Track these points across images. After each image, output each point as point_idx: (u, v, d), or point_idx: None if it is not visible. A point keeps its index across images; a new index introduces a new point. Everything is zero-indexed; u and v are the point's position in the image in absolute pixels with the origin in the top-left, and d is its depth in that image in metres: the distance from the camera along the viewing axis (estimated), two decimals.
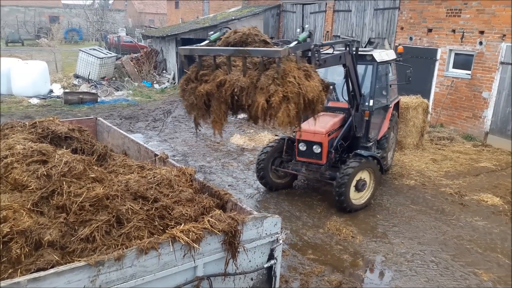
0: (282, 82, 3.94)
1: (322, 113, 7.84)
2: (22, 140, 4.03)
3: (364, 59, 7.60)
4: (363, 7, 15.67)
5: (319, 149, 7.23)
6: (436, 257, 5.94)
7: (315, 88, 4.12)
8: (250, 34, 4.46)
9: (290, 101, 3.96)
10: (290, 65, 4.09)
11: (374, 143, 8.11)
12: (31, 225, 2.89)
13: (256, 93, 4.00)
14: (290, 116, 3.99)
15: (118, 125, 12.06)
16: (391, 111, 8.38)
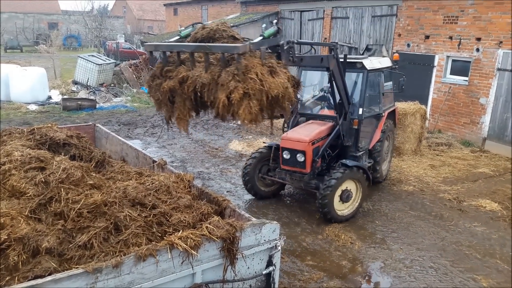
0: (243, 78, 3.87)
1: (311, 121, 7.90)
2: (20, 146, 4.04)
3: (354, 66, 7.47)
4: (360, 14, 15.76)
5: (302, 157, 7.00)
6: (435, 263, 5.93)
7: (280, 84, 4.04)
8: (218, 30, 4.42)
9: (252, 97, 3.89)
10: (253, 61, 4.02)
11: (365, 152, 7.97)
12: (28, 232, 2.89)
13: (218, 90, 3.95)
14: (252, 113, 3.92)
15: (116, 132, 12.06)
16: (384, 119, 8.21)
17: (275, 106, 4.17)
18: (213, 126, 13.90)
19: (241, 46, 3.94)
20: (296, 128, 7.59)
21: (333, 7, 16.90)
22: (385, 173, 8.90)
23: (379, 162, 8.24)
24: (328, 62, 6.29)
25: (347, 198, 6.96)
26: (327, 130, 7.37)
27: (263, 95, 3.94)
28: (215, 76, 4.00)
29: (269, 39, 4.57)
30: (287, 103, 4.21)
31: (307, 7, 18.30)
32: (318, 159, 7.09)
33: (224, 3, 27.14)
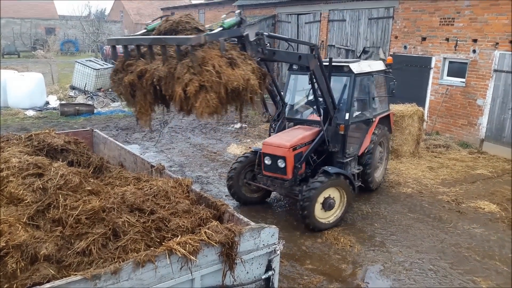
0: (199, 71, 3.79)
1: (298, 126, 7.73)
2: (18, 153, 4.03)
3: (341, 70, 7.29)
4: (357, 16, 15.82)
5: (283, 163, 6.78)
6: (435, 265, 5.93)
7: (240, 76, 3.96)
8: (181, 22, 4.35)
9: (209, 90, 3.81)
10: (211, 52, 3.94)
11: (354, 158, 7.72)
12: (26, 239, 2.88)
13: (175, 83, 3.89)
14: (210, 106, 3.84)
15: (114, 136, 12.04)
16: (375, 125, 7.96)
17: (237, 98, 4.08)
18: (211, 130, 13.91)
19: (193, 37, 3.86)
20: (279, 133, 7.41)
21: (330, 10, 16.96)
22: (379, 180, 8.63)
23: (370, 169, 7.98)
24: (308, 61, 6.07)
25: (329, 207, 6.73)
26: (312, 135, 7.15)
27: (221, 87, 3.85)
28: (171, 69, 3.91)
29: (229, 30, 4.42)
30: (250, 95, 4.11)
31: (304, 10, 18.35)
32: (300, 165, 6.86)
33: (221, 7, 27.24)
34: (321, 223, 6.74)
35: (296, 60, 6.05)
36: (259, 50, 4.82)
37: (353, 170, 7.67)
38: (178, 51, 3.88)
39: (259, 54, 4.83)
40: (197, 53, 3.84)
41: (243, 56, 4.31)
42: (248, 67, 4.17)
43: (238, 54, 4.25)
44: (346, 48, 16.51)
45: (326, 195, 6.68)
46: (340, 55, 16.83)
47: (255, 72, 4.24)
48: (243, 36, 4.55)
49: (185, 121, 15.16)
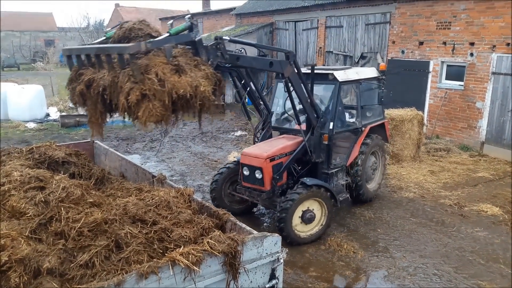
0: (141, 79, 3.73)
1: (283, 135, 7.49)
2: (19, 166, 4.04)
3: (326, 78, 7.06)
4: (354, 22, 15.90)
5: (260, 174, 6.55)
6: (439, 270, 5.90)
7: (188, 83, 3.88)
8: (133, 29, 4.31)
9: (151, 99, 3.73)
10: (156, 60, 3.88)
11: (342, 169, 7.40)
12: (29, 253, 2.87)
13: (119, 92, 3.84)
14: (154, 115, 3.77)
15: (115, 147, 12.06)
16: (364, 134, 7.62)
17: (187, 106, 4.03)
18: (212, 138, 13.92)
19: (131, 45, 3.82)
20: (260, 143, 7.25)
21: (327, 16, 17.05)
22: (374, 191, 8.29)
23: (360, 180, 7.66)
24: (282, 68, 5.82)
25: (309, 220, 6.47)
26: (294, 145, 6.89)
27: (165, 95, 3.77)
28: (115, 78, 3.86)
29: (176, 36, 4.30)
30: (200, 102, 4.04)
31: (301, 17, 18.46)
32: (279, 176, 6.61)
33: (219, 16, 27.38)
34: (299, 236, 6.46)
35: (267, 67, 5.77)
36: (218, 55, 4.68)
37: (339, 181, 7.35)
38: (119, 60, 3.84)
39: (218, 59, 4.68)
40: (138, 61, 3.79)
41: (196, 61, 4.24)
42: (199, 73, 4.10)
43: (189, 60, 4.18)
44: (344, 54, 16.58)
45: (305, 207, 6.41)
46: (338, 61, 16.90)
47: (209, 78, 4.17)
48: (194, 41, 4.43)
49: (186, 130, 15.18)
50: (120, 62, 3.81)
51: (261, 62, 5.74)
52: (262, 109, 7.32)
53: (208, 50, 4.54)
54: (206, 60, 4.43)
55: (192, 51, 4.43)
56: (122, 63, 3.80)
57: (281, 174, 6.66)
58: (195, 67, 4.17)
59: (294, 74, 6.07)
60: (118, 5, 54.00)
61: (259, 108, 7.27)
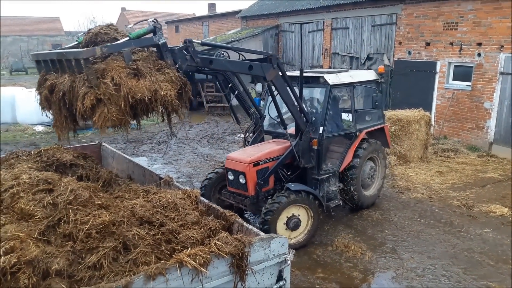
0: (96, 83, 3.74)
1: (274, 139, 7.26)
2: (27, 169, 4.06)
3: (317, 81, 6.88)
4: (360, 24, 15.87)
5: (244, 179, 6.37)
6: (448, 271, 5.86)
7: (146, 88, 3.86)
8: (99, 33, 4.33)
9: (107, 103, 3.73)
10: (113, 64, 3.87)
11: (334, 175, 7.15)
12: (38, 254, 2.88)
13: (77, 97, 3.85)
14: (110, 120, 3.78)
15: (122, 149, 12.13)
16: (359, 139, 7.37)
17: (148, 110, 4.01)
18: (218, 140, 13.95)
19: (85, 50, 3.83)
20: (247, 147, 7.12)
21: (333, 18, 17.04)
22: (372, 198, 7.98)
23: (355, 185, 7.36)
24: (263, 71, 5.60)
25: (295, 226, 6.26)
26: (282, 150, 6.68)
27: (120, 100, 3.76)
28: (73, 83, 3.87)
29: (136, 40, 4.26)
30: (161, 106, 4.01)
31: (307, 19, 18.45)
32: (264, 182, 6.41)
33: (225, 19, 27.48)
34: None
35: (246, 70, 5.49)
36: (187, 58, 4.58)
37: (331, 187, 7.11)
38: (76, 65, 3.85)
39: (188, 62, 4.59)
40: (95, 66, 3.79)
41: (159, 65, 4.20)
42: (161, 77, 4.06)
43: (152, 64, 4.15)
44: (350, 55, 16.55)
45: (290, 213, 6.22)
46: (344, 62, 16.87)
47: (174, 82, 4.13)
48: (158, 44, 4.36)
49: (192, 132, 15.23)
50: (77, 67, 3.83)
51: (238, 65, 5.48)
52: (253, 113, 7.16)
53: (176, 53, 4.47)
54: (172, 64, 4.37)
55: (158, 54, 4.40)
56: (79, 68, 3.82)
57: (267, 179, 6.48)
58: (158, 71, 4.14)
59: (278, 77, 5.87)
60: (124, 9, 54.35)
61: (249, 111, 7.11)
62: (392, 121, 10.57)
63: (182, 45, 4.62)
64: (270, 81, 5.78)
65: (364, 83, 7.64)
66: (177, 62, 4.44)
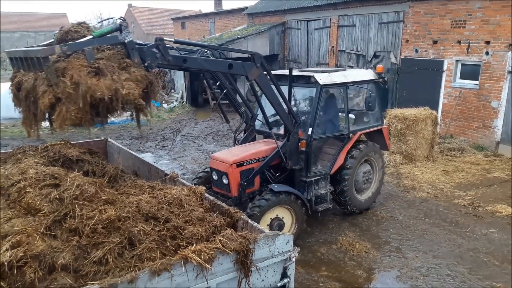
0: (55, 82, 3.74)
1: (265, 139, 7.06)
2: (34, 164, 4.10)
3: (308, 81, 6.65)
4: (367, 21, 15.79)
5: (226, 180, 6.20)
6: (452, 271, 5.83)
7: (106, 86, 3.84)
8: (69, 32, 4.32)
9: (65, 102, 3.73)
10: (74, 63, 3.85)
11: (324, 178, 6.93)
12: (44, 249, 2.91)
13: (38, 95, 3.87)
14: (69, 119, 3.79)
15: (128, 146, 12.17)
16: (353, 141, 7.13)
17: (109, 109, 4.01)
18: (223, 137, 13.95)
19: (43, 49, 3.84)
20: (234, 147, 7.01)
21: (340, 15, 16.96)
22: (366, 203, 7.69)
23: (347, 188, 7.11)
24: (245, 71, 5.42)
25: (278, 228, 6.09)
26: (269, 151, 6.49)
27: (79, 99, 3.75)
28: (36, 81, 3.88)
29: (100, 38, 4.20)
30: (122, 105, 4.00)
31: (314, 17, 18.39)
32: (248, 183, 6.23)
33: (231, 16, 27.44)
34: None
35: (225, 69, 5.31)
36: (158, 57, 4.52)
37: (320, 190, 6.89)
38: (38, 63, 3.85)
39: (158, 60, 4.53)
40: (56, 64, 3.79)
41: (125, 64, 4.18)
42: (124, 76, 4.05)
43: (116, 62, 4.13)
44: (356, 53, 16.47)
45: (273, 215, 6.07)
46: (351, 60, 16.80)
47: (139, 81, 4.13)
48: (124, 43, 4.30)
49: (197, 129, 15.25)
50: (39, 66, 3.83)
51: (216, 64, 5.30)
52: (243, 112, 7.05)
53: (144, 51, 4.42)
54: (139, 62, 4.32)
55: (126, 53, 4.35)
56: (41, 67, 3.82)
57: (251, 180, 6.29)
58: (123, 70, 4.12)
59: (263, 77, 5.71)
60: (131, 6, 54.42)
61: (239, 110, 7.01)
62: (398, 120, 10.53)
63: (152, 44, 4.57)
64: (253, 80, 5.63)
65: (359, 83, 7.34)
66: (146, 60, 4.40)
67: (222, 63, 5.30)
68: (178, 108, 19.75)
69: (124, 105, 4.03)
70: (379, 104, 7.75)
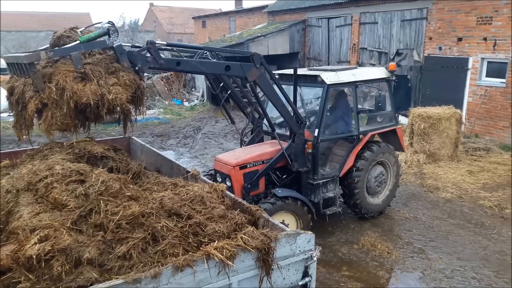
0: (42, 87, 3.79)
1: (271, 140, 6.88)
2: (61, 160, 4.17)
3: (315, 80, 6.49)
4: (389, 18, 15.55)
5: (229, 182, 6.07)
6: (478, 274, 5.70)
7: (92, 91, 3.86)
8: (62, 37, 4.36)
9: (51, 108, 3.77)
10: (61, 68, 3.89)
11: (333, 180, 6.73)
12: (71, 243, 2.96)
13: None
14: (55, 124, 3.86)
15: (150, 143, 12.31)
16: (363, 142, 6.91)
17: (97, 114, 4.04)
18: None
19: (28, 55, 3.85)
20: (239, 149, 6.95)
21: (361, 12, 16.75)
22: (379, 206, 7.42)
23: (358, 191, 6.91)
24: (244, 72, 5.26)
25: None
26: (275, 152, 6.34)
27: (64, 104, 3.79)
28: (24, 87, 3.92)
29: (86, 43, 4.15)
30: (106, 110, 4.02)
31: (335, 14, 18.22)
32: (252, 185, 6.11)
33: (251, 14, 27.44)
34: None
35: (222, 71, 5.18)
36: (149, 60, 4.48)
37: (328, 193, 6.67)
38: (25, 69, 3.88)
39: (150, 64, 4.50)
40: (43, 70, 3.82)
41: (114, 68, 4.17)
42: (111, 81, 4.04)
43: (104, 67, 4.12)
44: (378, 50, 16.26)
45: (280, 220, 5.80)
46: (373, 57, 16.59)
47: (128, 85, 4.12)
48: (112, 47, 4.27)
49: (218, 127, 15.33)
50: (27, 71, 3.87)
51: (212, 66, 5.19)
52: (249, 112, 6.97)
53: (135, 56, 4.41)
54: (129, 66, 4.30)
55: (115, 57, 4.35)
56: (28, 72, 3.87)
57: (255, 183, 6.16)
58: (111, 74, 4.12)
59: (263, 77, 5.53)
60: (152, 5, 55.06)
61: (245, 111, 6.93)
62: (421, 118, 10.35)
63: (142, 47, 4.57)
64: (253, 82, 5.49)
65: (370, 81, 7.05)
66: (136, 64, 4.38)
67: (219, 65, 5.19)
68: (198, 106, 19.89)
69: (111, 110, 4.08)
70: (392, 103, 7.50)
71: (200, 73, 5.59)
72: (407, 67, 15.03)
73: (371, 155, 7.00)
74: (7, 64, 4.41)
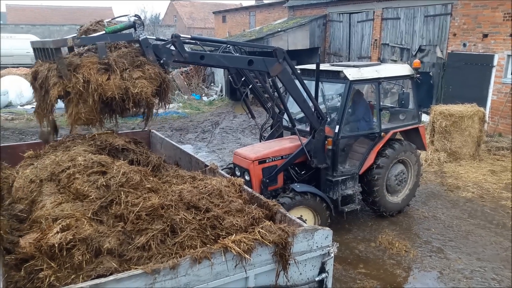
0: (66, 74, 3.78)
1: (291, 136, 6.88)
2: (82, 152, 4.25)
3: (337, 76, 6.43)
4: (412, 14, 15.28)
5: (248, 176, 6.10)
6: (498, 275, 5.59)
7: (116, 85, 3.85)
8: (89, 30, 4.38)
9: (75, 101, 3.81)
10: (86, 60, 3.88)
11: (353, 177, 6.70)
12: (91, 233, 3.03)
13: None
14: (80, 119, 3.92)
15: (169, 137, 12.43)
16: (385, 140, 6.82)
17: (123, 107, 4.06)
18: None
19: (54, 40, 3.85)
20: (258, 143, 6.98)
21: (384, 8, 16.51)
22: (399, 205, 7.34)
23: (378, 188, 6.85)
24: (266, 66, 5.27)
25: None
26: (294, 148, 6.32)
27: (89, 96, 3.79)
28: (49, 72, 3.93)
29: (113, 34, 4.17)
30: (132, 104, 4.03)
31: (356, 9, 18.01)
32: (270, 180, 6.12)
33: (272, 8, 27.33)
34: None
35: (245, 65, 5.20)
36: (174, 54, 4.49)
37: (347, 191, 6.66)
38: (51, 54, 3.90)
39: (175, 57, 4.51)
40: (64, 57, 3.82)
41: (139, 61, 4.15)
42: (136, 74, 4.02)
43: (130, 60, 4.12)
44: (400, 46, 16.00)
45: (298, 215, 5.77)
46: (395, 53, 16.35)
47: (153, 79, 4.11)
48: (138, 40, 4.26)
49: (236, 122, 15.37)
50: (52, 56, 3.89)
51: (235, 60, 5.21)
52: (269, 107, 6.96)
53: (160, 49, 4.41)
54: (154, 60, 4.31)
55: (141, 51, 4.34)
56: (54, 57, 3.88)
57: (274, 177, 6.18)
58: (137, 68, 4.12)
59: (285, 72, 5.53)
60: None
61: (266, 106, 6.93)
62: (443, 116, 10.16)
63: (167, 41, 4.56)
64: (276, 76, 5.51)
65: (393, 78, 6.97)
66: (161, 58, 4.40)
67: (242, 59, 5.21)
68: (217, 101, 19.97)
69: (136, 104, 4.10)
70: (415, 101, 7.38)
71: (223, 67, 5.60)
72: (429, 64, 14.76)
73: (392, 153, 6.92)
74: (33, 50, 4.48)
